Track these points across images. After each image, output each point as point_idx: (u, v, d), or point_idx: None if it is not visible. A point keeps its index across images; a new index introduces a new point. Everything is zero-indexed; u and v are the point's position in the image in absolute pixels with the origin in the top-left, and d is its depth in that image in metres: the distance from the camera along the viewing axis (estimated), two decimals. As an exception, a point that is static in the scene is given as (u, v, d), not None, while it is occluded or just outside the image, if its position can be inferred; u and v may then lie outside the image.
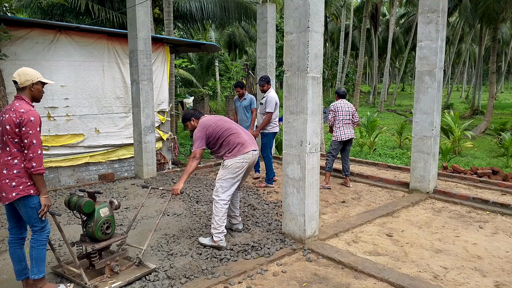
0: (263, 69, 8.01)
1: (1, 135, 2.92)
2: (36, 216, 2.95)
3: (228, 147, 4.06)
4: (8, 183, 2.86)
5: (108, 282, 3.19)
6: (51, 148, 7.37)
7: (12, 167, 2.87)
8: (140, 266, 3.45)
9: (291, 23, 3.88)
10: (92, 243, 3.28)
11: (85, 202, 3.22)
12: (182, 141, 14.46)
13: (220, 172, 4.05)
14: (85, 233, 3.35)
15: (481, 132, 17.56)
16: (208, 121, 4.16)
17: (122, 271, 3.36)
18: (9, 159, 2.88)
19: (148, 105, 7.00)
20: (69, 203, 3.35)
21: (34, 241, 3.00)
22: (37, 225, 2.99)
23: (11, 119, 2.85)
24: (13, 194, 2.86)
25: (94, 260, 3.28)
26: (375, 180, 6.70)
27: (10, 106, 2.94)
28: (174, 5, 13.01)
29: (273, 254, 3.78)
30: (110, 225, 3.34)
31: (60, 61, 7.42)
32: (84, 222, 3.35)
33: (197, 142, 4.02)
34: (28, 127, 2.83)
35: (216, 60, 25.28)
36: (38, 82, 3.05)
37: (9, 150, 2.88)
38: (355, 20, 33.68)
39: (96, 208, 3.29)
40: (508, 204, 5.13)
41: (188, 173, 3.96)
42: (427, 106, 5.75)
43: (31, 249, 2.99)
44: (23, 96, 3.00)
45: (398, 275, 3.35)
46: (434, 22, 5.55)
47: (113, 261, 3.35)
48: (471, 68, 48.35)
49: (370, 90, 44.05)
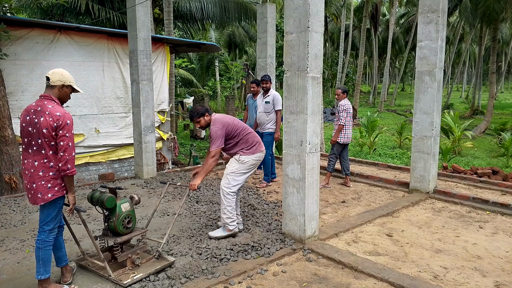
0: (263, 69, 8.01)
1: (35, 138, 2.95)
2: (54, 216, 3.04)
3: (246, 144, 4.26)
4: (44, 185, 2.94)
5: (130, 275, 3.30)
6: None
7: (48, 169, 2.95)
8: (159, 259, 3.55)
9: (291, 23, 3.88)
10: (114, 237, 3.38)
11: (107, 197, 3.32)
12: (182, 141, 14.47)
13: (234, 166, 4.19)
14: (107, 227, 3.44)
15: (481, 132, 17.56)
16: (225, 118, 4.26)
17: (143, 264, 3.47)
18: (45, 162, 2.95)
19: (148, 105, 7.00)
20: (92, 199, 3.44)
21: (41, 242, 3.03)
22: (50, 225, 3.04)
23: (48, 122, 2.88)
24: (49, 195, 2.95)
25: (116, 253, 3.38)
26: (375, 180, 6.70)
27: (42, 108, 2.94)
28: (174, 5, 13.02)
29: (273, 254, 3.78)
30: (131, 220, 3.45)
31: (60, 61, 7.42)
32: (106, 216, 3.45)
33: (218, 140, 4.10)
34: (65, 130, 2.91)
35: (216, 60, 25.29)
36: (69, 86, 3.09)
37: (44, 152, 2.94)
38: (355, 20, 33.69)
39: (118, 203, 3.39)
40: (508, 204, 5.13)
41: (207, 172, 4.11)
42: (427, 106, 5.75)
43: (38, 250, 3.03)
44: (52, 96, 3.03)
45: (398, 275, 3.35)
46: (434, 22, 5.55)
47: (134, 254, 3.46)
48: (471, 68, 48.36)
49: (370, 90, 44.07)
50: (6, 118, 6.38)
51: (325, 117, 20.45)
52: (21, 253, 3.90)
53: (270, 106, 6.39)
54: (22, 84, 7.03)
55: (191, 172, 7.46)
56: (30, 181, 2.96)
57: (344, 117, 6.24)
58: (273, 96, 6.38)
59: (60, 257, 3.22)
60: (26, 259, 3.76)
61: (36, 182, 2.94)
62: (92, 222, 4.81)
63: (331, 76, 27.74)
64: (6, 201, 5.66)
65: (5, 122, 6.36)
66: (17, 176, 6.49)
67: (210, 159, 4.10)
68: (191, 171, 7.57)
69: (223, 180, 4.20)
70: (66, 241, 3.74)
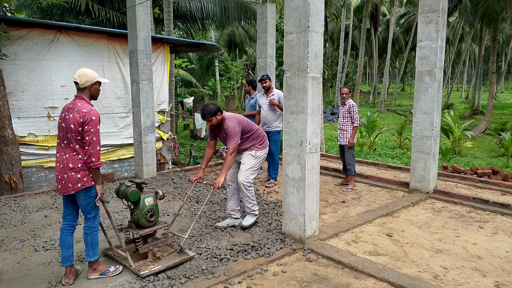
0: (263, 69, 8.01)
1: (65, 133, 3.20)
2: (93, 205, 3.29)
3: (258, 139, 4.55)
4: (74, 176, 3.18)
5: (149, 266, 3.43)
6: (51, 148, 7.36)
7: (77, 161, 3.18)
8: (180, 253, 3.69)
9: (291, 23, 3.88)
10: (137, 230, 3.53)
11: (131, 191, 3.49)
12: (182, 141, 14.47)
13: (252, 162, 4.44)
14: (132, 220, 3.60)
15: (481, 132, 17.55)
16: (237, 115, 4.47)
17: (164, 257, 3.60)
18: (74, 154, 3.18)
19: (148, 105, 7.00)
20: (118, 192, 3.61)
21: (88, 228, 3.32)
22: (92, 213, 3.31)
23: (75, 118, 3.12)
24: (79, 185, 3.19)
25: (139, 245, 3.52)
26: (375, 180, 6.70)
27: (73, 106, 3.19)
28: (174, 5, 13.01)
29: (273, 254, 3.78)
30: (154, 213, 3.58)
31: (60, 61, 7.42)
32: (131, 210, 3.61)
33: (236, 137, 4.27)
34: (90, 125, 3.12)
35: (216, 60, 25.28)
36: (96, 82, 3.30)
37: (73, 146, 3.18)
38: (355, 20, 33.67)
39: (142, 197, 3.54)
40: (508, 204, 5.13)
41: (228, 168, 4.26)
42: (427, 106, 5.75)
43: (86, 236, 3.31)
44: (83, 96, 3.25)
45: (398, 275, 3.35)
46: (434, 22, 5.55)
47: (156, 247, 3.59)
48: (471, 68, 48.35)
49: (370, 90, 44.06)
50: (6, 118, 6.38)
51: (325, 117, 20.45)
52: (21, 253, 3.90)
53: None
54: (22, 84, 7.03)
55: (191, 172, 7.48)
56: (61, 172, 3.21)
57: (358, 118, 6.22)
58: (278, 95, 6.39)
59: (66, 256, 3.31)
60: (26, 259, 3.76)
61: (67, 173, 3.18)
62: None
63: (331, 76, 27.74)
64: (6, 201, 5.66)
65: (5, 122, 6.36)
66: (17, 176, 6.49)
67: (229, 156, 4.24)
68: (191, 171, 7.60)
69: (241, 176, 4.38)
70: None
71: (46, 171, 7.40)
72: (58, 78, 7.41)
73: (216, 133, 4.53)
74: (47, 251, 3.94)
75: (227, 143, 4.29)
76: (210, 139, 4.60)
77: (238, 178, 4.40)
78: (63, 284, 3.28)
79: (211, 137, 4.59)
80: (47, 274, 3.46)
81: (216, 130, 4.47)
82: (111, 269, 3.42)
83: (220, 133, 4.46)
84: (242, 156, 4.51)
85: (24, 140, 7.07)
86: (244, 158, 4.47)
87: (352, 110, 6.18)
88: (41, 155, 7.30)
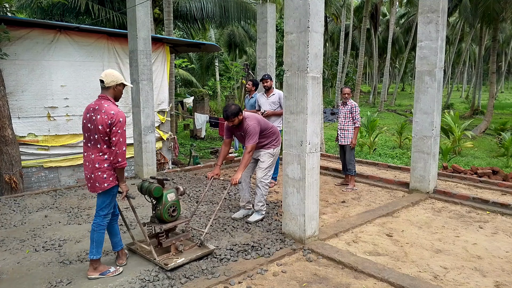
0: (263, 69, 8.01)
1: (92, 133, 3.27)
2: (108, 202, 3.38)
3: (273, 136, 4.69)
4: (100, 175, 3.28)
5: (173, 259, 3.56)
6: (51, 148, 7.37)
7: (103, 162, 3.28)
8: (201, 247, 3.81)
9: (291, 23, 3.88)
10: (160, 224, 3.65)
11: (154, 187, 3.59)
12: (182, 141, 14.46)
13: (270, 160, 4.61)
14: (155, 215, 3.72)
15: (481, 132, 17.55)
16: (256, 115, 4.60)
17: (186, 251, 3.73)
18: (101, 155, 3.28)
19: (148, 105, 7.00)
20: (141, 188, 3.72)
21: (97, 226, 3.38)
22: (105, 211, 3.39)
23: (103, 120, 3.20)
24: (105, 185, 3.30)
25: (162, 239, 3.65)
26: (375, 180, 6.70)
27: (99, 107, 3.26)
28: (174, 5, 13.01)
29: (273, 254, 3.78)
30: (175, 209, 3.70)
31: (60, 61, 7.42)
32: (154, 205, 3.72)
33: (255, 136, 4.41)
34: (117, 127, 3.21)
35: (216, 60, 25.27)
36: (121, 83, 3.40)
37: (99, 147, 3.27)
38: (355, 20, 33.65)
39: (164, 193, 3.64)
40: (508, 204, 5.13)
41: (245, 166, 4.41)
42: (427, 106, 5.75)
43: (93, 232, 3.37)
44: (108, 96, 3.34)
45: (398, 275, 3.35)
46: (434, 22, 5.55)
47: (178, 241, 3.72)
48: (471, 68, 48.35)
49: (370, 90, 44.05)
50: (6, 118, 6.38)
51: (325, 117, 20.44)
52: (21, 253, 3.90)
53: (276, 104, 6.41)
54: (22, 84, 7.03)
55: (191, 172, 7.48)
56: (89, 172, 3.32)
57: (359, 118, 6.26)
58: (278, 95, 6.40)
59: (116, 242, 3.56)
60: (26, 259, 3.76)
61: (94, 173, 3.29)
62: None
63: (331, 76, 27.71)
64: (6, 201, 5.66)
65: (5, 122, 6.36)
66: (17, 176, 6.49)
67: (247, 155, 4.37)
68: (191, 171, 7.60)
69: (260, 173, 4.60)
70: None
71: (46, 171, 7.40)
72: (58, 78, 7.41)
73: (234, 132, 4.65)
74: (47, 251, 3.94)
75: (246, 141, 4.43)
76: (226, 138, 4.74)
77: (257, 175, 4.63)
78: (117, 265, 3.53)
79: (227, 135, 4.72)
80: (47, 274, 3.46)
81: (235, 129, 4.57)
82: (111, 269, 3.45)
83: (238, 132, 4.57)
84: (260, 153, 4.66)
85: (24, 140, 7.07)
86: (263, 156, 4.63)
87: (354, 111, 6.20)
88: (41, 155, 7.30)
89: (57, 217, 5.00)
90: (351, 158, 6.30)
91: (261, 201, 4.67)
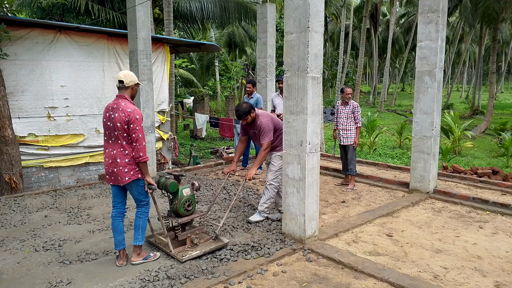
0: (263, 69, 8.01)
1: (113, 130, 3.45)
2: (143, 192, 3.59)
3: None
4: (122, 170, 3.45)
5: (188, 252, 3.70)
6: (51, 148, 7.37)
7: (124, 157, 3.45)
8: (215, 240, 3.93)
9: (291, 23, 3.88)
10: (176, 218, 3.79)
11: (171, 182, 3.73)
12: (182, 141, 14.46)
13: (279, 163, 4.54)
14: (171, 209, 3.87)
15: (481, 132, 17.56)
16: (268, 113, 4.62)
17: (201, 244, 3.86)
18: (122, 150, 3.45)
19: (148, 105, 7.00)
20: (158, 183, 3.83)
21: (141, 213, 3.61)
22: (144, 200, 3.61)
23: (121, 117, 3.38)
24: (126, 178, 3.46)
25: (178, 232, 3.79)
26: (375, 180, 6.70)
27: (117, 106, 3.45)
28: (174, 5, 13.01)
29: (273, 254, 3.78)
30: (191, 203, 3.83)
31: (60, 61, 7.42)
32: (170, 200, 3.87)
33: (270, 133, 4.44)
34: (135, 124, 3.38)
35: (216, 60, 25.26)
36: (137, 83, 3.63)
37: (120, 143, 3.44)
38: (355, 20, 33.65)
39: (180, 188, 3.77)
40: (508, 204, 5.13)
41: (260, 162, 4.43)
42: (427, 106, 5.75)
43: (138, 219, 3.59)
44: (125, 96, 3.54)
45: (398, 275, 3.35)
46: (434, 22, 5.55)
47: (193, 234, 3.84)
48: (471, 68, 48.35)
49: (370, 90, 44.06)
50: (6, 118, 6.38)
51: (325, 117, 20.44)
52: (21, 253, 3.90)
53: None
54: (22, 84, 7.03)
55: (191, 172, 7.48)
56: (111, 166, 3.49)
57: (360, 118, 6.30)
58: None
59: (119, 241, 3.60)
60: (26, 259, 3.76)
61: (116, 167, 3.46)
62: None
63: (331, 76, 27.71)
64: (6, 201, 5.66)
65: (5, 122, 6.37)
66: (17, 176, 6.49)
67: (263, 152, 4.41)
68: (191, 171, 7.60)
69: (270, 175, 4.60)
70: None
71: (46, 171, 7.40)
72: (58, 78, 7.41)
73: (248, 130, 4.68)
74: (47, 251, 3.94)
75: (261, 139, 4.45)
76: (242, 135, 4.82)
77: (267, 177, 4.61)
78: (117, 265, 3.56)
79: (242, 133, 4.80)
80: (47, 274, 3.46)
81: (249, 127, 4.60)
82: (151, 254, 3.68)
83: (252, 130, 4.60)
84: (272, 156, 4.65)
85: (24, 140, 7.08)
86: (274, 158, 4.63)
87: (356, 111, 6.25)
88: (41, 155, 7.30)
89: (57, 217, 5.00)
90: (353, 158, 6.32)
91: (266, 203, 4.68)
